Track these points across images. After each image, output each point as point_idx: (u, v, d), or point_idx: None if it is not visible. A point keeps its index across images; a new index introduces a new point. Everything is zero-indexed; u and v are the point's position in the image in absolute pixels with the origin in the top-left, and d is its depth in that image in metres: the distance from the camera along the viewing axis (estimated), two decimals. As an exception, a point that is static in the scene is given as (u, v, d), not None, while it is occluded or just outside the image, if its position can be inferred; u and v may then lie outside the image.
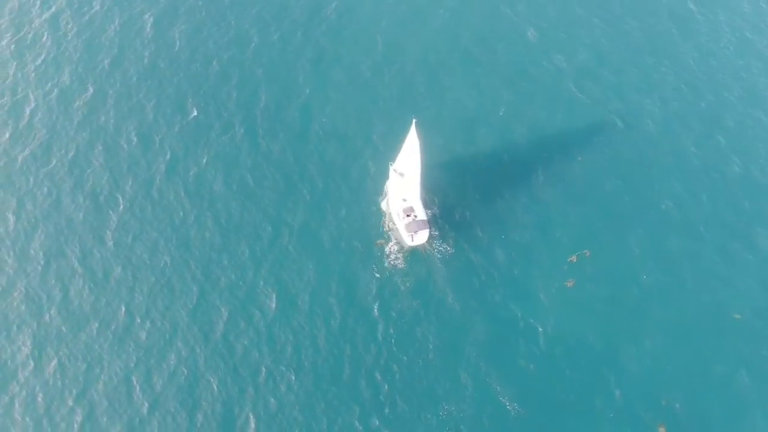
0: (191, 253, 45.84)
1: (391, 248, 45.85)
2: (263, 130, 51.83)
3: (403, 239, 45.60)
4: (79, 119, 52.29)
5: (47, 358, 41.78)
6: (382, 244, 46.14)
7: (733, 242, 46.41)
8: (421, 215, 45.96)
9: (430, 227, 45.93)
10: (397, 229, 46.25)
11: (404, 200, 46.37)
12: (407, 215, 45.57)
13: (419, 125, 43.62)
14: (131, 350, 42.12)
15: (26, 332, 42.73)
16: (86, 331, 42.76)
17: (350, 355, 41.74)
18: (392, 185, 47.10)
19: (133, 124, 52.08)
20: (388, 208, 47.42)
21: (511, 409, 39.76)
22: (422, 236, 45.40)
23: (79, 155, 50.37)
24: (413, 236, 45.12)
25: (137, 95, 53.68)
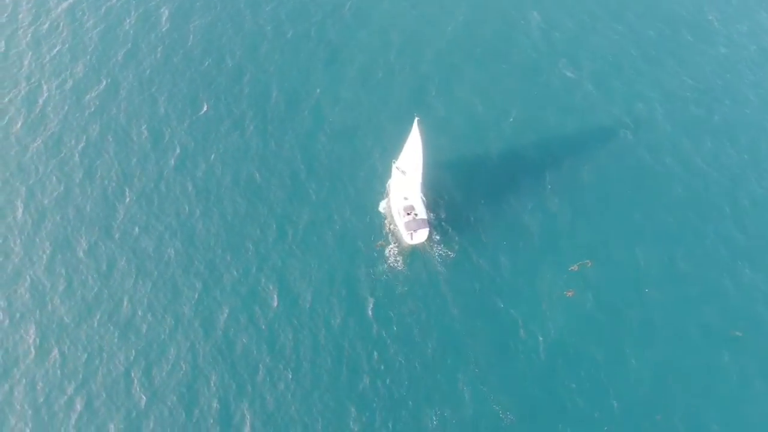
0: (196, 247, 46.01)
1: (391, 250, 45.74)
2: (273, 127, 51.89)
3: (402, 237, 45.52)
4: (90, 111, 52.66)
5: (48, 347, 42.11)
6: (381, 245, 46.05)
7: (740, 260, 45.72)
8: (421, 214, 45.82)
9: (430, 226, 45.77)
10: (397, 227, 46.16)
11: (405, 198, 46.26)
12: (407, 213, 45.45)
13: (423, 123, 43.47)
14: (132, 343, 42.33)
15: (29, 320, 43.10)
16: (88, 321, 43.05)
17: (348, 356, 41.67)
18: (394, 183, 47.02)
19: (144, 117, 52.37)
20: (388, 206, 47.33)
21: (504, 418, 39.50)
22: (422, 235, 45.26)
23: (89, 146, 50.73)
24: (413, 234, 45.01)
25: (149, 89, 53.98)
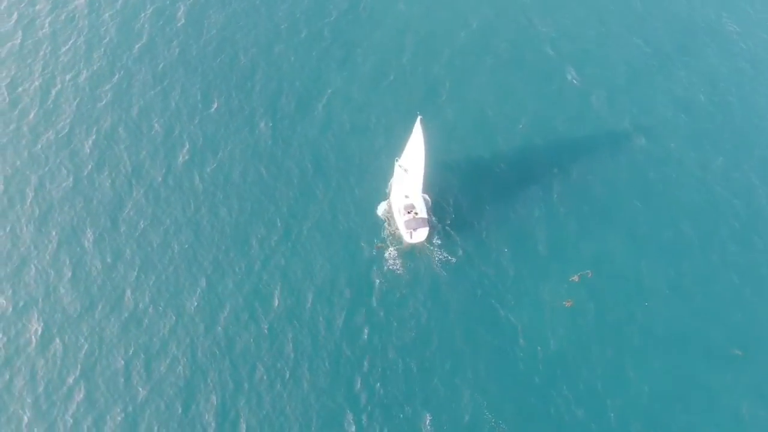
0: (200, 243, 46.16)
1: (390, 253, 45.59)
2: (283, 125, 51.90)
3: (402, 236, 45.35)
4: (102, 103, 52.96)
5: (50, 336, 42.43)
6: (381, 247, 45.92)
7: (745, 278, 45.08)
8: (421, 213, 45.64)
9: (430, 226, 45.58)
10: (397, 225, 46.02)
11: (406, 197, 46.11)
12: (408, 212, 45.31)
13: (433, 127, 43.41)
14: (132, 336, 42.56)
15: (32, 309, 43.46)
16: (91, 313, 43.34)
17: (346, 357, 41.64)
18: (396, 181, 46.89)
19: (155, 111, 52.59)
20: (389, 205, 47.24)
21: (499, 427, 39.23)
22: (421, 234, 45.11)
23: (99, 139, 51.04)
24: (412, 233, 44.89)
25: (162, 83, 54.19)
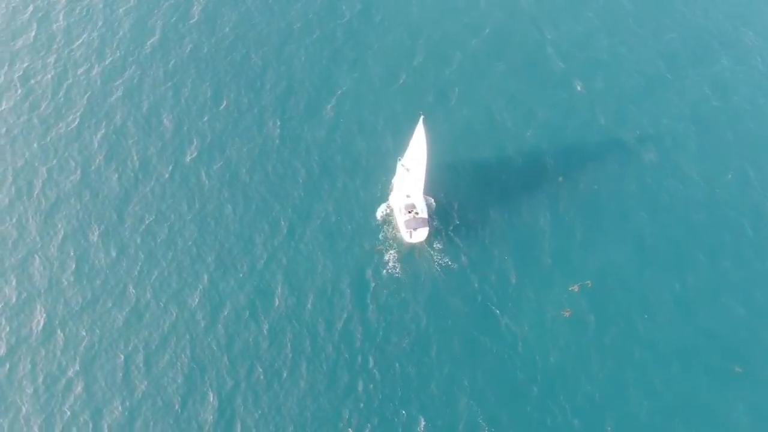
0: (204, 240, 46.28)
1: (391, 255, 45.52)
2: (291, 125, 51.99)
3: (402, 235, 45.27)
4: (113, 98, 53.33)
5: (52, 328, 42.71)
6: (381, 250, 45.85)
7: (749, 294, 44.63)
8: (422, 213, 45.51)
9: (430, 226, 45.42)
10: (397, 224, 45.94)
11: (408, 196, 45.97)
12: (408, 211, 45.20)
13: (439, 131, 43.35)
14: (134, 330, 42.75)
15: (36, 300, 43.77)
16: (93, 306, 43.58)
17: (344, 359, 41.63)
18: (398, 180, 46.80)
19: (165, 107, 52.88)
20: (389, 205, 47.19)
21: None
22: (421, 234, 45.00)
23: (109, 133, 51.37)
24: (412, 233, 44.77)
25: (173, 80, 54.45)
